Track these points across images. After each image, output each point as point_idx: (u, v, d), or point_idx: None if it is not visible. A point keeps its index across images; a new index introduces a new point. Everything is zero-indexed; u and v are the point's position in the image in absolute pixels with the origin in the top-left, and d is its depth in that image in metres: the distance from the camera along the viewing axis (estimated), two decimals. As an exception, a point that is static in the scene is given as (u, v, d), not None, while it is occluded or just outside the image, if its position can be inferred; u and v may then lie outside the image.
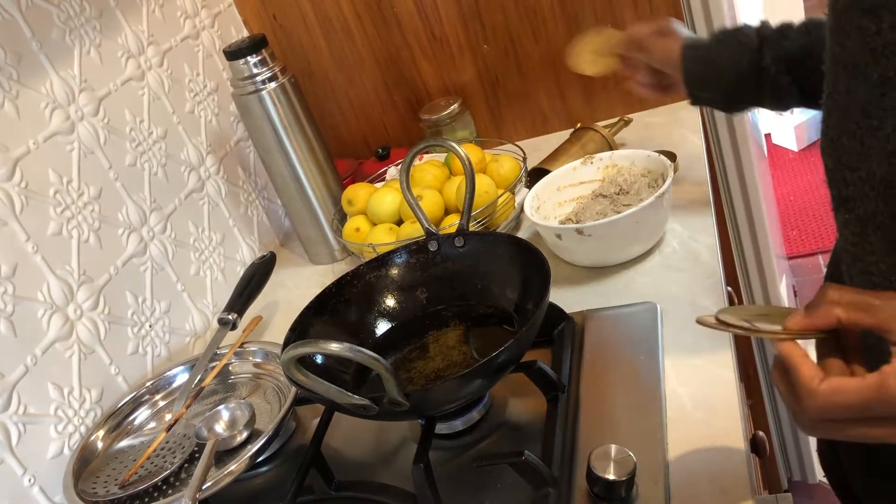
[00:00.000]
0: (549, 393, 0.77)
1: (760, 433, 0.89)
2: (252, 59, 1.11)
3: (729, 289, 1.00)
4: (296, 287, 1.24)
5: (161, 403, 0.98)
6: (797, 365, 0.47)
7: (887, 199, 0.53)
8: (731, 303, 0.65)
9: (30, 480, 0.86)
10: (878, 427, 0.45)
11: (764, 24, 0.81)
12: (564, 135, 1.26)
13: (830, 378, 0.45)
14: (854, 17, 0.52)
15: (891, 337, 0.46)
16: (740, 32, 0.82)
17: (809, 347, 0.50)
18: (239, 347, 1.00)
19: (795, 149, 3.04)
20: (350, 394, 0.65)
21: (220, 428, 0.87)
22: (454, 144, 0.88)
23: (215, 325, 1.04)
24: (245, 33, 1.39)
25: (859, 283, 0.59)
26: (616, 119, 1.27)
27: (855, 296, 0.47)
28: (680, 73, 0.85)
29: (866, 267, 0.57)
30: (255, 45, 1.11)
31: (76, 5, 1.03)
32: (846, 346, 0.49)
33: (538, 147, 1.31)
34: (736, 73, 0.81)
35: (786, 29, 0.80)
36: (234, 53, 1.11)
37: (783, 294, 1.61)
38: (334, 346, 0.61)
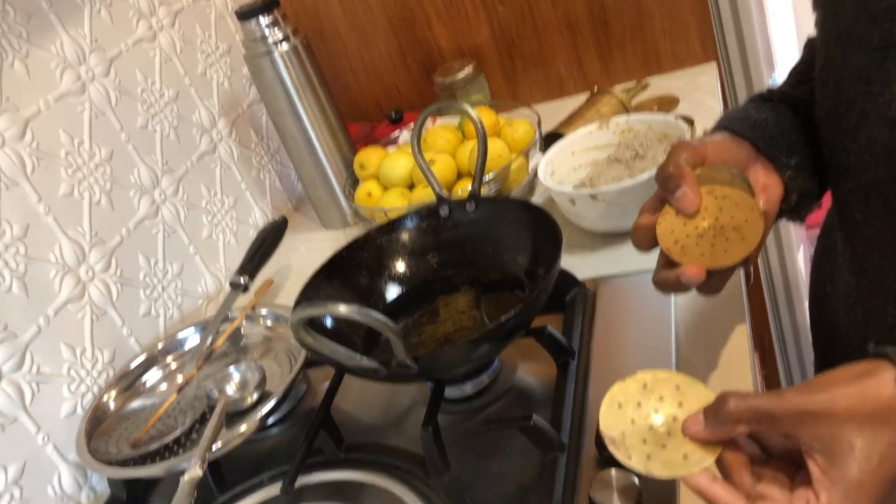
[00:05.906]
0: (559, 358, 0.77)
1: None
2: (264, 20, 1.10)
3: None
4: (308, 251, 1.23)
5: (173, 365, 0.98)
6: (715, 497, 0.46)
7: (889, 165, 0.53)
8: (748, 276, 0.63)
9: (44, 439, 0.86)
10: None
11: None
12: (581, 98, 1.24)
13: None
14: None
15: (798, 441, 0.45)
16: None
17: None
18: (250, 310, 1.00)
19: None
20: (358, 356, 0.65)
21: (230, 389, 0.87)
22: (466, 107, 0.86)
23: (227, 287, 1.04)
24: (257, -6, 1.37)
25: (863, 249, 0.58)
26: (633, 83, 1.25)
27: (755, 406, 0.46)
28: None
29: (872, 233, 0.57)
30: (266, 5, 1.10)
31: (86, -37, 1.02)
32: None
33: (554, 111, 1.29)
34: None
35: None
36: (245, 14, 1.10)
37: (801, 265, 1.59)
38: (343, 309, 0.60)
